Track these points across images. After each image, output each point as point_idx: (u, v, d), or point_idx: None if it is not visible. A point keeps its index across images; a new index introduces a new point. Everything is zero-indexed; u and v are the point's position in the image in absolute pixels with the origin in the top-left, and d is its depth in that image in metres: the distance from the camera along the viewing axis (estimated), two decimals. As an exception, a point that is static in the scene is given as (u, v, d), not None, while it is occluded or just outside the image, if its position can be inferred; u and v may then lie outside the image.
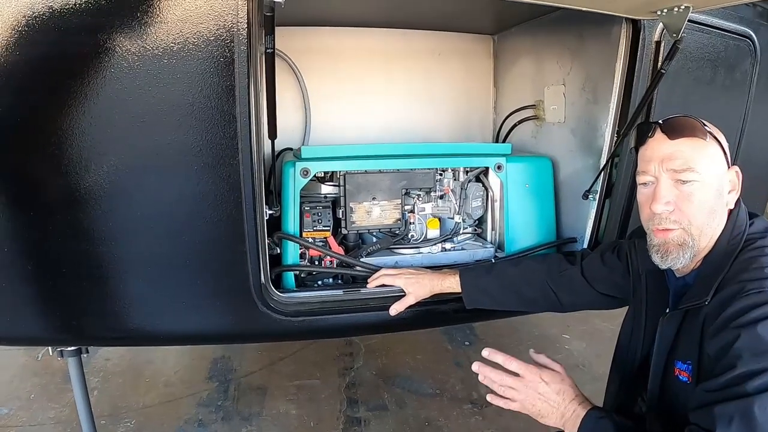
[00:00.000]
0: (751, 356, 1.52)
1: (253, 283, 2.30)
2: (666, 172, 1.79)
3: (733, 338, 1.57)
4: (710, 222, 1.80)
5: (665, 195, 1.79)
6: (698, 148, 1.78)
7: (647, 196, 1.86)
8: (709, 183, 1.78)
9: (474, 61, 4.00)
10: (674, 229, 1.80)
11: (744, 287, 1.63)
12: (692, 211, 1.78)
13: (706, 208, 1.78)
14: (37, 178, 2.04)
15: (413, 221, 2.89)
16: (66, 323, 2.29)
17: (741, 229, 1.81)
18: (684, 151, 1.78)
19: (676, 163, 1.77)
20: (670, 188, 1.79)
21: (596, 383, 4.03)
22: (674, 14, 2.17)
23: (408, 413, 3.83)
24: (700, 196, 1.77)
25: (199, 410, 3.86)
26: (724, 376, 1.56)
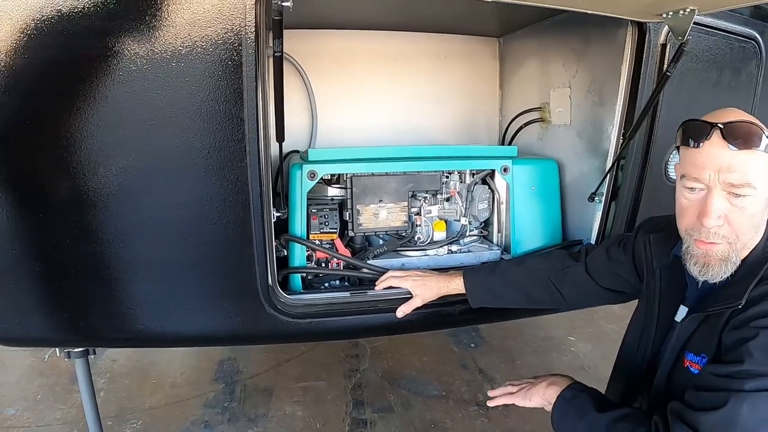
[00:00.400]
0: (761, 357, 1.54)
1: (260, 284, 2.31)
2: (721, 183, 1.66)
3: (750, 335, 1.58)
4: (755, 235, 1.75)
5: (718, 209, 1.68)
6: (757, 159, 1.65)
7: (693, 202, 1.75)
8: (761, 196, 1.68)
9: (480, 64, 4.01)
10: (720, 243, 1.71)
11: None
12: (742, 226, 1.70)
13: (756, 221, 1.72)
14: (45, 179, 2.05)
15: (420, 223, 2.90)
16: (74, 324, 2.29)
17: None
18: (745, 163, 1.64)
19: (734, 176, 1.64)
20: (722, 201, 1.68)
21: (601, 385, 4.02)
22: (680, 17, 2.17)
23: (414, 415, 3.84)
24: (752, 210, 1.68)
25: (206, 411, 3.86)
26: (729, 367, 1.59)
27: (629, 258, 2.27)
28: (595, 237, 2.84)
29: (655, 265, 2.08)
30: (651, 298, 2.08)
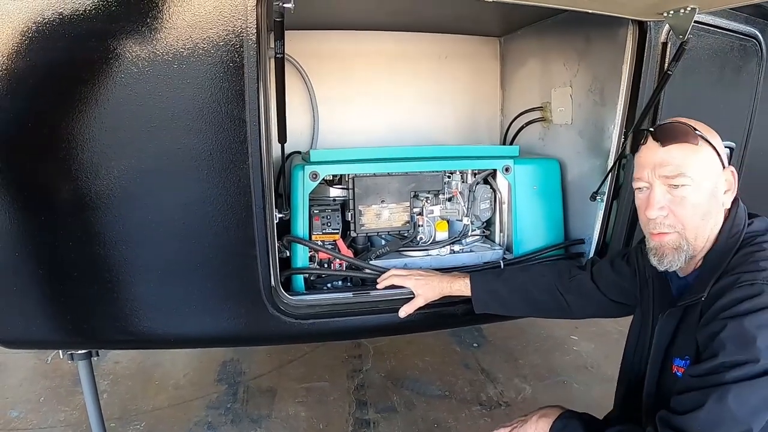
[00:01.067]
0: (734, 347, 1.57)
1: (263, 286, 2.31)
2: (658, 178, 1.84)
3: (720, 328, 1.62)
4: (705, 224, 1.83)
5: (659, 200, 1.83)
6: (689, 154, 1.82)
7: (642, 201, 1.91)
8: (701, 186, 1.81)
9: (481, 64, 4.01)
10: (669, 233, 1.85)
11: (738, 278, 1.67)
12: (686, 215, 1.82)
13: (700, 211, 1.82)
14: (48, 182, 2.05)
15: (422, 223, 2.89)
16: (77, 326, 2.30)
17: (739, 228, 1.84)
18: (675, 157, 1.82)
19: (667, 169, 1.82)
20: (663, 194, 1.83)
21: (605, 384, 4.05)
22: (680, 16, 2.18)
23: (417, 415, 3.84)
24: (693, 200, 1.81)
25: (209, 413, 3.87)
26: (707, 363, 1.61)
27: (632, 269, 2.30)
28: (597, 236, 2.84)
29: (648, 275, 2.14)
30: (646, 306, 2.13)
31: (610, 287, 2.37)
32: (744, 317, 1.58)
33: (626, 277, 2.31)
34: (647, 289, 2.14)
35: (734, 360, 1.56)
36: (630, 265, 2.31)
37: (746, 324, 1.57)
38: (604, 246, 2.85)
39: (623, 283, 2.32)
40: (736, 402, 1.53)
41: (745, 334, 1.56)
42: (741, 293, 1.63)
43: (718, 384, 1.56)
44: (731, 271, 1.73)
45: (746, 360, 1.54)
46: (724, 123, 2.03)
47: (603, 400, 2.15)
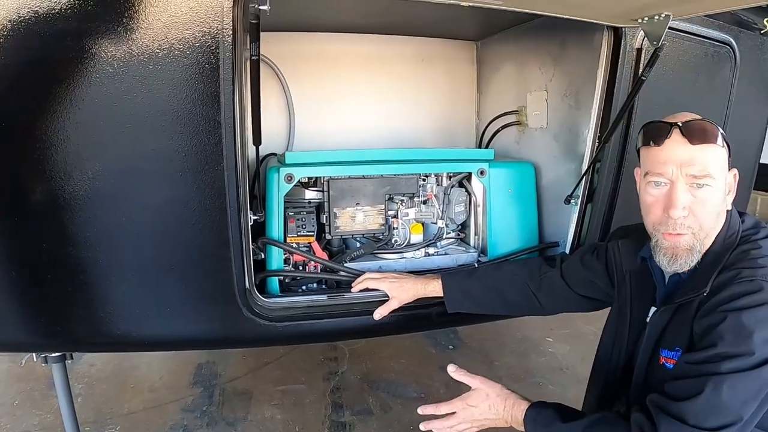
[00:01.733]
0: (732, 339, 1.61)
1: (237, 288, 2.31)
2: (684, 176, 1.79)
3: (719, 320, 1.65)
4: (716, 225, 1.86)
5: (682, 200, 1.79)
6: (714, 154, 1.80)
7: (658, 198, 1.86)
8: (719, 187, 1.81)
9: (458, 67, 4.03)
10: (685, 234, 1.82)
11: (738, 274, 1.71)
12: (705, 216, 1.81)
13: (716, 211, 1.84)
14: (21, 183, 2.04)
15: (397, 226, 2.90)
16: (50, 329, 2.28)
17: (735, 228, 1.88)
18: (704, 157, 1.78)
19: (695, 168, 1.78)
20: (686, 192, 1.80)
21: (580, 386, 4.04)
22: (655, 22, 2.20)
23: (392, 417, 3.83)
24: (713, 201, 1.81)
25: (185, 416, 3.84)
26: (704, 352, 1.66)
27: (602, 266, 2.33)
28: (571, 239, 2.87)
29: (625, 270, 2.17)
30: (623, 303, 2.15)
31: (579, 283, 2.41)
32: (743, 311, 1.63)
33: (596, 272, 2.35)
34: (624, 286, 2.16)
35: (731, 351, 1.60)
36: (600, 261, 2.34)
37: (744, 318, 1.62)
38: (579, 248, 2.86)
39: (593, 279, 2.36)
40: (730, 392, 1.58)
41: (743, 328, 1.61)
42: (741, 288, 1.67)
43: (713, 373, 1.61)
44: (730, 267, 1.77)
45: (742, 352, 1.59)
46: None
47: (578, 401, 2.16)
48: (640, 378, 1.96)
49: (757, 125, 3.66)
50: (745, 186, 3.69)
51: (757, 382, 1.59)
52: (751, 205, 8.29)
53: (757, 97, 3.52)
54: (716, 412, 1.59)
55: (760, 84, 3.49)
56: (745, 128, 3.40)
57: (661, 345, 1.90)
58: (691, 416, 1.60)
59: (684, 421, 1.61)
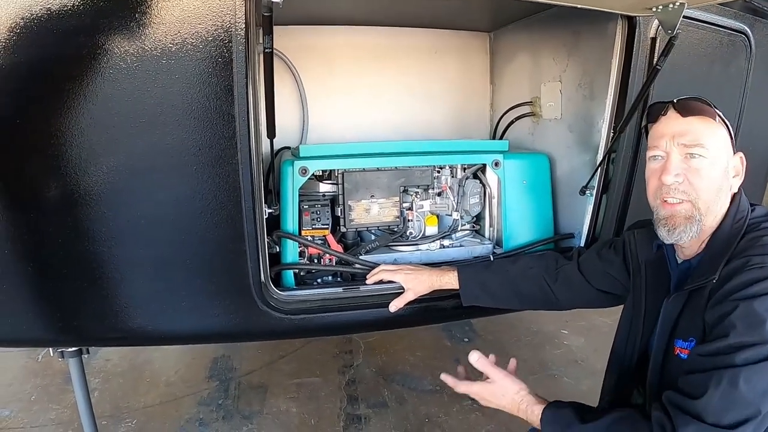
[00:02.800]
0: (744, 328, 1.59)
1: (253, 281, 2.31)
2: (677, 146, 1.86)
3: (730, 309, 1.63)
4: (717, 199, 1.86)
5: (676, 167, 1.85)
6: (708, 127, 1.86)
7: (655, 170, 1.93)
8: (717, 161, 1.85)
9: (471, 59, 4.00)
10: (682, 201, 1.85)
11: (748, 261, 1.69)
12: (701, 185, 1.84)
13: (714, 184, 1.85)
14: (36, 179, 2.04)
15: (411, 218, 2.90)
16: (67, 324, 2.29)
17: (744, 214, 1.87)
18: (695, 127, 1.86)
19: (687, 138, 1.85)
20: (680, 162, 1.86)
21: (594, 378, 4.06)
22: (669, 10, 2.18)
23: (408, 410, 3.85)
24: (709, 172, 1.84)
25: (200, 409, 3.86)
26: (716, 343, 1.64)
27: (620, 258, 2.31)
28: (587, 230, 2.85)
29: (641, 260, 2.15)
30: (638, 293, 2.14)
31: (596, 277, 2.39)
32: (754, 299, 1.61)
33: (613, 265, 2.33)
34: (639, 276, 2.15)
35: (744, 341, 1.58)
36: (618, 253, 2.33)
37: (756, 306, 1.60)
38: (594, 240, 2.85)
39: (610, 272, 2.34)
40: (747, 385, 1.55)
41: (755, 316, 1.59)
42: (751, 276, 1.65)
43: (727, 365, 1.59)
44: (739, 254, 1.75)
45: (756, 342, 1.57)
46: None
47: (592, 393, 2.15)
48: (656, 368, 1.94)
49: (773, 115, 3.63)
50: (762, 176, 3.67)
51: None
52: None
53: (772, 86, 3.49)
54: (734, 407, 1.56)
55: (776, 73, 3.46)
56: (760, 117, 3.37)
57: (675, 335, 1.88)
58: (709, 414, 1.58)
59: (702, 419, 1.58)
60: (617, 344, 2.21)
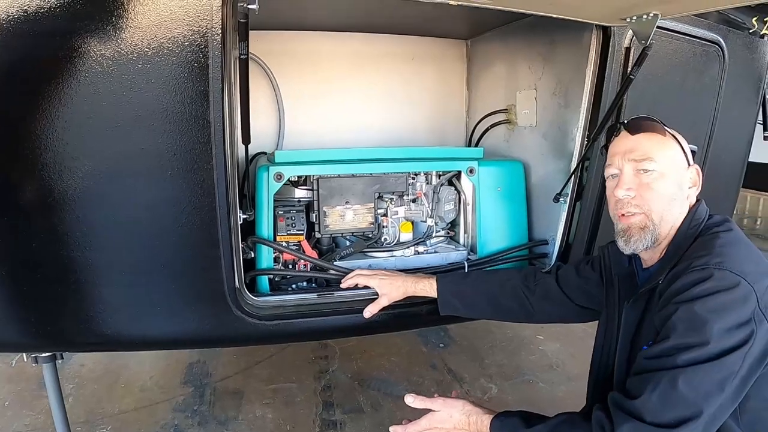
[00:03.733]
0: (685, 330, 1.63)
1: (227, 287, 2.31)
2: (628, 162, 1.95)
3: (672, 311, 1.68)
4: (670, 210, 1.93)
5: (627, 182, 1.95)
6: (656, 142, 1.96)
7: (612, 187, 2.01)
8: (667, 173, 1.93)
9: (448, 66, 4.03)
10: (636, 213, 1.94)
11: (691, 264, 1.73)
12: (652, 198, 1.92)
13: (666, 195, 1.93)
14: (9, 182, 2.02)
15: (386, 225, 2.91)
16: (41, 329, 2.27)
17: (699, 221, 1.92)
18: (643, 143, 1.95)
19: (636, 153, 1.94)
20: (632, 177, 1.95)
21: (571, 383, 4.09)
22: (643, 21, 2.21)
23: (384, 415, 3.84)
24: (659, 184, 1.92)
25: (175, 415, 3.84)
26: (659, 346, 1.68)
27: (597, 273, 2.35)
28: (560, 237, 2.87)
29: (614, 273, 2.20)
30: (611, 306, 2.17)
31: (575, 292, 2.41)
32: (695, 301, 1.64)
33: (592, 281, 2.36)
34: (612, 288, 2.19)
35: (685, 342, 1.61)
36: (595, 269, 2.36)
37: (697, 308, 1.63)
38: (568, 247, 2.88)
39: (588, 288, 2.37)
40: (687, 385, 1.58)
41: (696, 318, 1.62)
42: (692, 278, 1.69)
43: (669, 367, 1.62)
44: (687, 257, 1.80)
45: (697, 343, 1.60)
46: (687, 126, 2.09)
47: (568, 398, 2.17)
48: (621, 373, 1.97)
49: (746, 124, 3.67)
50: (734, 184, 3.71)
51: (718, 373, 1.59)
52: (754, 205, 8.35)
53: (745, 96, 3.54)
54: (674, 407, 1.59)
55: (749, 83, 3.51)
56: (733, 127, 3.42)
57: (639, 342, 1.91)
58: (648, 412, 1.61)
59: (641, 418, 1.61)
60: (595, 353, 2.23)
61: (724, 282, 1.64)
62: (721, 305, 1.62)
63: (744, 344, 1.60)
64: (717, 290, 1.63)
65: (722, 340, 1.59)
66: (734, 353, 1.59)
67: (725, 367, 1.59)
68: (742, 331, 1.60)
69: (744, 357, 1.60)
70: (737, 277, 1.65)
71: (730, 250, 1.75)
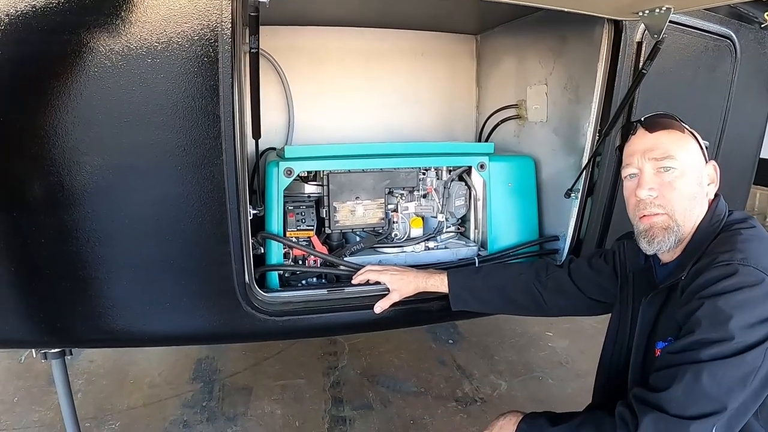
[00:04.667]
0: (709, 325, 1.62)
1: (237, 283, 2.30)
2: (648, 161, 1.92)
3: (697, 306, 1.66)
4: (692, 208, 1.91)
5: (648, 181, 1.92)
6: (676, 139, 1.93)
7: (632, 188, 1.99)
8: (688, 171, 1.91)
9: (457, 61, 4.02)
10: (659, 213, 1.91)
11: (715, 259, 1.72)
12: (674, 197, 1.90)
13: (688, 194, 1.91)
14: (19, 178, 2.03)
15: (397, 220, 2.90)
16: (50, 325, 2.28)
17: (720, 217, 1.91)
18: (663, 141, 1.92)
19: (656, 152, 1.91)
20: (653, 176, 1.92)
21: (580, 380, 4.07)
22: (655, 15, 2.19)
23: (393, 412, 3.83)
24: (681, 183, 1.89)
25: (184, 411, 3.84)
26: (683, 340, 1.66)
27: (610, 267, 2.34)
28: (571, 233, 2.86)
29: (629, 270, 2.19)
30: (625, 302, 2.16)
31: (587, 285, 2.40)
32: (720, 296, 1.63)
33: (604, 274, 2.35)
34: (628, 285, 2.18)
35: (709, 338, 1.60)
36: (608, 262, 2.35)
37: (721, 303, 1.62)
38: (579, 243, 2.87)
39: (601, 281, 2.36)
40: (710, 380, 1.57)
41: (720, 313, 1.61)
42: (717, 273, 1.68)
43: (693, 361, 1.61)
44: (709, 253, 1.78)
45: (721, 338, 1.59)
46: (698, 121, 2.07)
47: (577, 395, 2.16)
48: (637, 369, 1.97)
49: (758, 120, 3.65)
50: (746, 178, 3.69)
51: (740, 368, 1.58)
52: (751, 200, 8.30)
53: (757, 92, 3.51)
54: (697, 401, 1.58)
55: (761, 78, 3.48)
56: (745, 122, 3.40)
57: (655, 337, 1.91)
58: (672, 405, 1.60)
59: (665, 410, 1.61)
60: (606, 349, 2.22)
61: (748, 278, 1.64)
62: (745, 301, 1.61)
63: (766, 340, 1.59)
64: (741, 286, 1.62)
65: (745, 336, 1.58)
66: (756, 349, 1.58)
67: (748, 363, 1.58)
68: (765, 327, 1.60)
69: (765, 353, 1.59)
70: (761, 273, 1.64)
71: (753, 245, 1.74)
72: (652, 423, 1.63)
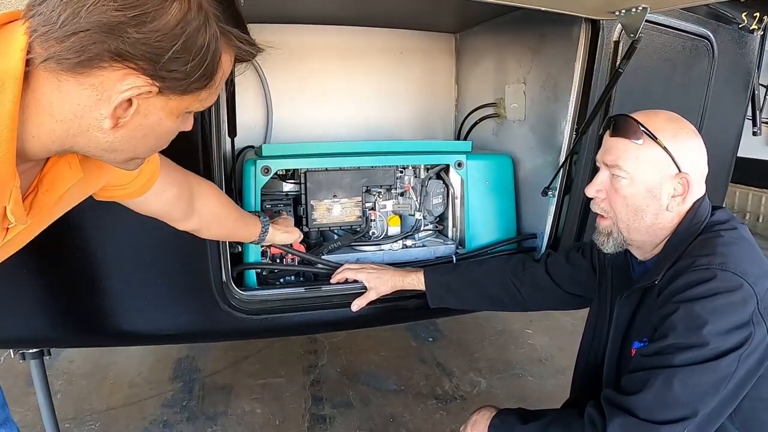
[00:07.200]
0: (685, 329, 1.62)
1: (214, 281, 2.30)
2: (604, 162, 1.93)
3: (672, 310, 1.66)
4: (638, 220, 1.88)
5: (598, 182, 1.94)
6: (627, 149, 1.86)
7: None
8: (636, 183, 1.86)
9: (436, 60, 4.01)
10: (605, 217, 1.96)
11: (694, 262, 1.71)
12: (617, 205, 1.90)
13: (632, 206, 1.88)
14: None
15: (374, 218, 2.90)
16: (27, 325, 2.26)
17: (701, 219, 1.86)
18: (619, 147, 1.88)
19: (609, 157, 1.90)
20: (605, 178, 1.93)
21: (559, 377, 4.10)
22: (632, 15, 2.21)
23: (372, 410, 3.85)
24: (627, 193, 1.87)
25: (164, 411, 3.84)
26: (657, 344, 1.67)
27: (587, 261, 2.35)
28: (549, 231, 2.86)
29: (607, 264, 2.18)
30: (603, 298, 2.17)
31: (564, 279, 2.41)
32: (696, 301, 1.62)
33: (582, 269, 2.36)
34: (605, 279, 2.18)
35: (683, 343, 1.60)
36: (586, 257, 2.36)
37: (698, 308, 1.61)
38: (556, 240, 2.87)
39: (578, 275, 2.37)
40: (682, 386, 1.58)
41: (696, 318, 1.60)
42: (695, 277, 1.67)
43: (666, 365, 1.61)
44: (688, 255, 1.77)
45: (695, 344, 1.59)
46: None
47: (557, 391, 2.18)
48: (611, 368, 1.97)
49: (735, 119, 3.68)
50: (723, 178, 3.72)
51: (713, 374, 1.58)
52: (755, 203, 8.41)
53: (735, 91, 3.54)
54: (668, 406, 1.59)
55: (738, 78, 3.52)
56: (722, 121, 3.42)
57: (631, 336, 1.91)
58: (642, 409, 1.61)
59: (634, 414, 1.62)
60: (583, 345, 2.24)
61: (726, 283, 1.63)
62: (721, 307, 1.61)
63: (740, 347, 1.59)
64: (718, 291, 1.62)
65: (720, 342, 1.58)
66: (730, 355, 1.58)
67: (721, 369, 1.58)
68: (740, 333, 1.60)
69: (739, 359, 1.59)
70: (739, 278, 1.63)
71: (733, 249, 1.73)
72: (620, 426, 1.64)
